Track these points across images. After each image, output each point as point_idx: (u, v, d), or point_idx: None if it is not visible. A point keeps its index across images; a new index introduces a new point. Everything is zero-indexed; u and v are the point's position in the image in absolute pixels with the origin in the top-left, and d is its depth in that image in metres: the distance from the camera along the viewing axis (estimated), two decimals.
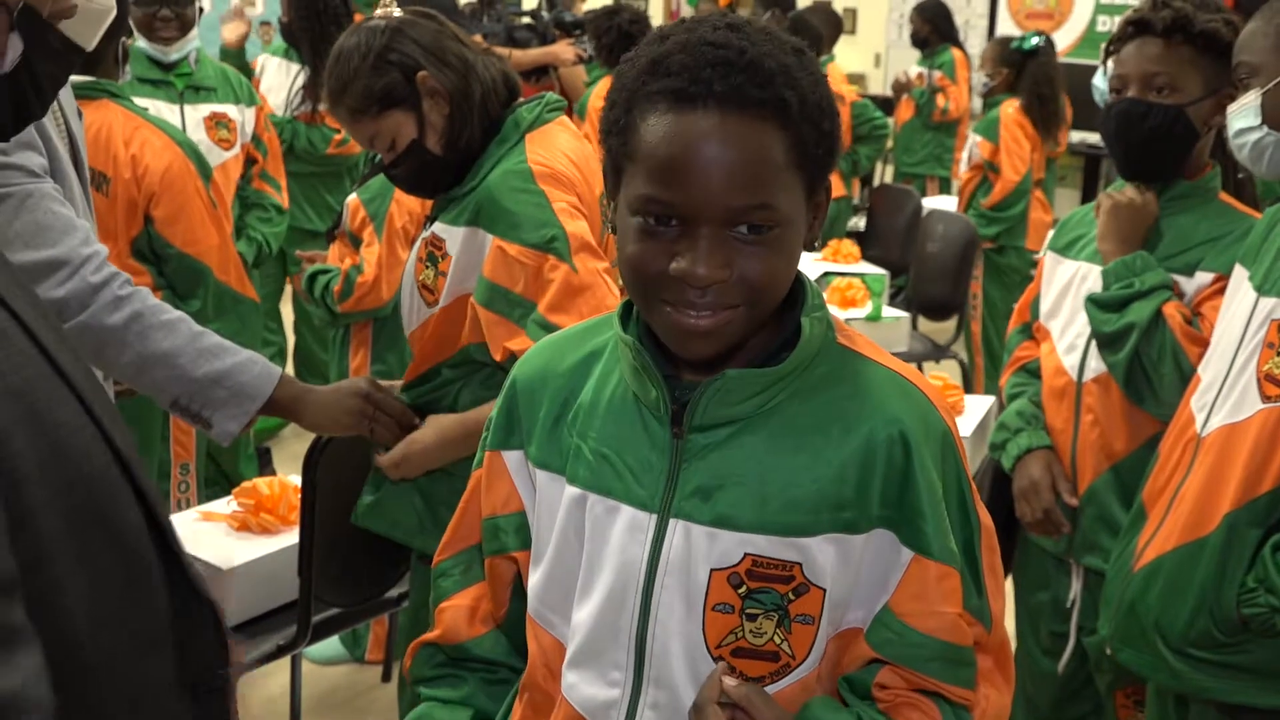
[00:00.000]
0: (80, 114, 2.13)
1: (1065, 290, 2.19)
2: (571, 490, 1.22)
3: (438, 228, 2.05)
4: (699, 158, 1.06)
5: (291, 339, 4.81)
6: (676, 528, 1.16)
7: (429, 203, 2.16)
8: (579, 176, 2.05)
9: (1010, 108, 5.11)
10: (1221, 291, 1.94)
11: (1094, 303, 2.05)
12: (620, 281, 2.11)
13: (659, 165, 1.08)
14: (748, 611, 1.14)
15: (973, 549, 1.18)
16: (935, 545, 1.14)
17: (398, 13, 2.05)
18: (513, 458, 1.30)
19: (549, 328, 1.84)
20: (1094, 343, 2.09)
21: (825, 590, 1.14)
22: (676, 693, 1.17)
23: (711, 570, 1.14)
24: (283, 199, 3.79)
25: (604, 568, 1.19)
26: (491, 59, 2.08)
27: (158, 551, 0.91)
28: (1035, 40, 5.20)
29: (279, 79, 4.57)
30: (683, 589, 1.15)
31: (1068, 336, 2.16)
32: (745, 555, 1.14)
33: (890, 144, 6.87)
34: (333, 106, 2.06)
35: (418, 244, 2.10)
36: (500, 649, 1.37)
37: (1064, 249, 2.23)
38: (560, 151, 2.05)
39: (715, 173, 1.06)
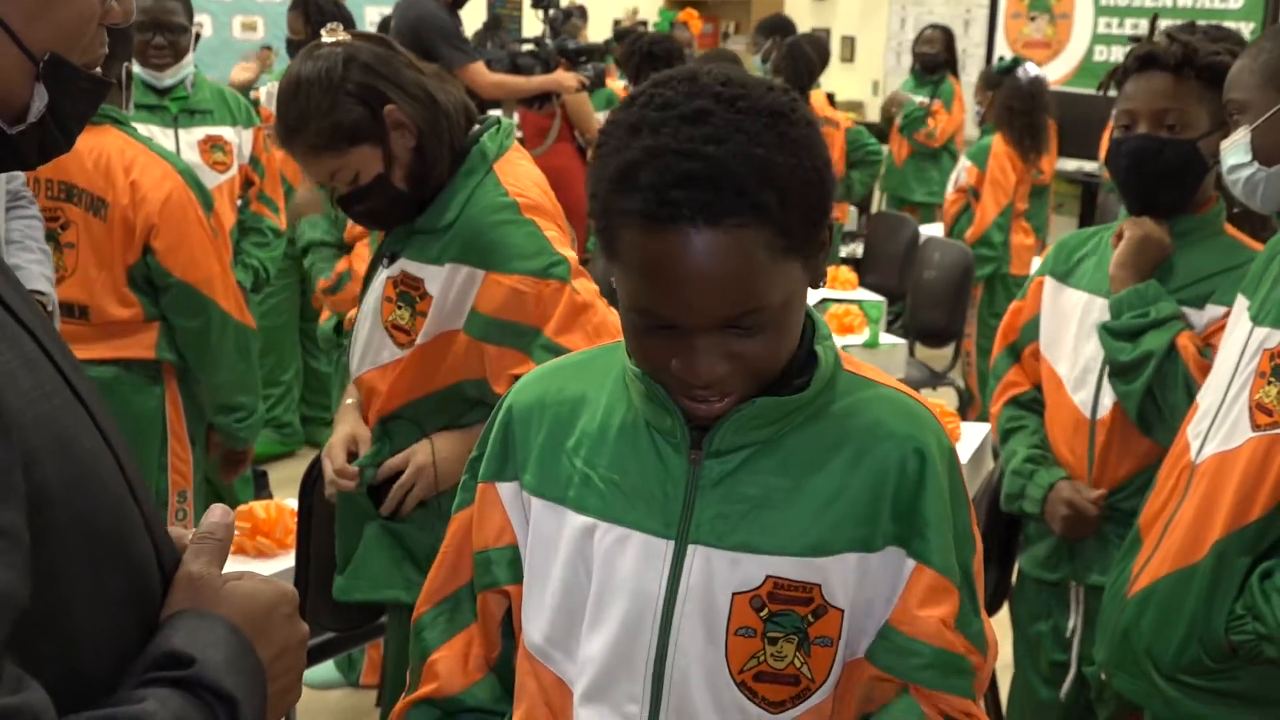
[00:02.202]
0: None
1: (1068, 322, 2.17)
2: (579, 520, 1.21)
3: (410, 266, 1.99)
4: (678, 278, 1.04)
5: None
6: (696, 554, 1.15)
7: None
8: (551, 204, 2.05)
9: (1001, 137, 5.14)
10: None
11: (1108, 331, 2.04)
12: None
13: (640, 282, 1.07)
14: (769, 635, 1.14)
15: (969, 571, 1.19)
16: (936, 556, 1.16)
17: (345, 37, 1.96)
18: (507, 489, 1.28)
19: (556, 350, 1.84)
20: (1105, 377, 2.08)
21: (844, 611, 1.15)
22: None
23: (734, 594, 1.14)
24: (280, 221, 3.80)
25: (616, 598, 1.18)
26: (449, 86, 2.02)
27: (161, 580, 0.92)
28: (1019, 63, 5.22)
29: None
30: (704, 615, 1.15)
31: (1075, 372, 2.15)
32: (767, 578, 1.14)
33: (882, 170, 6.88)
34: (286, 140, 1.95)
35: (379, 283, 2.03)
36: (495, 695, 1.34)
37: (1065, 275, 2.20)
38: (531, 181, 2.04)
39: (697, 291, 1.04)
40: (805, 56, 5.75)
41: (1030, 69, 5.20)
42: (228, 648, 0.88)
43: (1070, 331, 2.16)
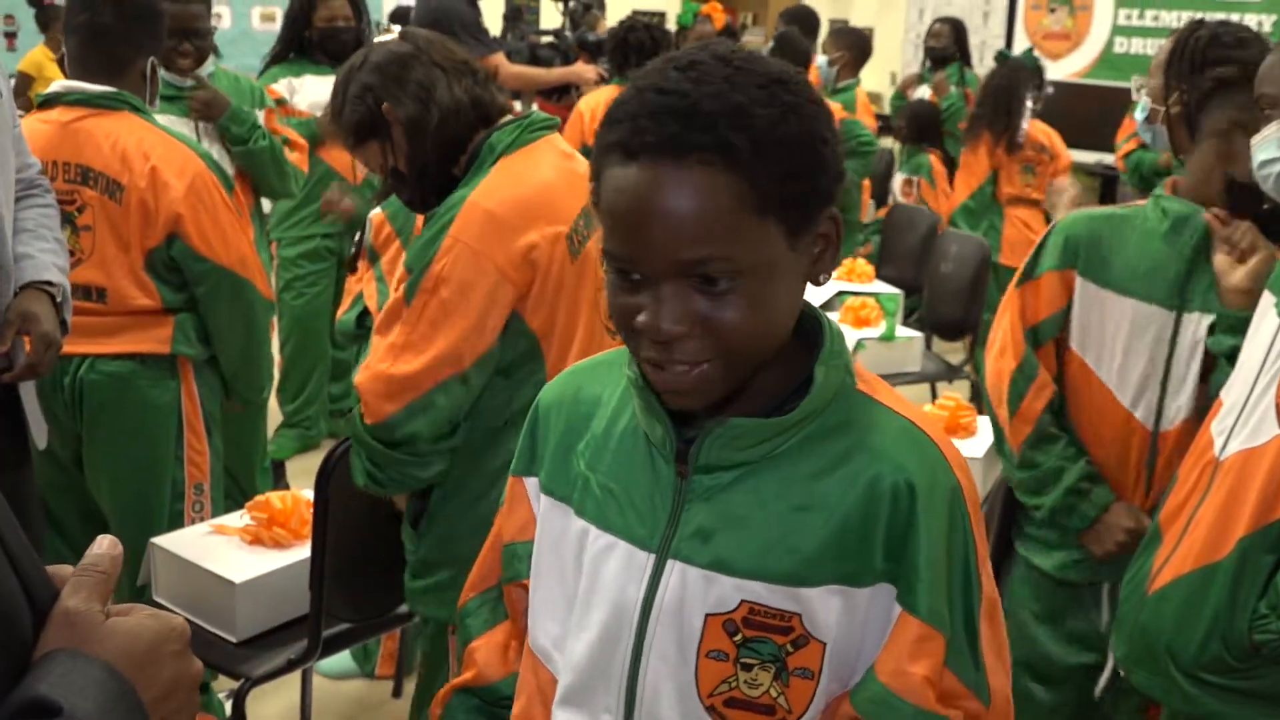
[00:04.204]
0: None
1: (1113, 328, 2.09)
2: (577, 523, 1.20)
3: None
4: (641, 212, 1.02)
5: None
6: (674, 568, 1.12)
7: None
8: (534, 204, 2.05)
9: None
10: None
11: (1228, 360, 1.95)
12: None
13: (610, 220, 1.06)
14: (743, 661, 1.10)
15: (973, 618, 1.13)
16: (924, 605, 1.09)
17: (391, 36, 2.14)
18: (533, 484, 1.28)
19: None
20: (1169, 389, 2.04)
21: (826, 644, 1.10)
22: None
23: (707, 615, 1.11)
24: (302, 161, 3.87)
25: (599, 605, 1.16)
26: (466, 81, 2.11)
27: (34, 619, 0.86)
28: (1007, 56, 5.33)
29: (323, 92, 4.51)
30: (676, 633, 1.12)
31: (1130, 382, 2.08)
32: (742, 602, 1.10)
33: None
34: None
35: None
36: None
37: (1099, 274, 2.10)
38: (525, 178, 2.07)
39: (658, 227, 1.02)
40: (797, 48, 5.73)
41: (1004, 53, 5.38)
42: (101, 692, 0.81)
43: (1120, 340, 2.09)
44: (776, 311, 1.08)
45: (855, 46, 6.51)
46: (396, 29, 2.19)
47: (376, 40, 2.15)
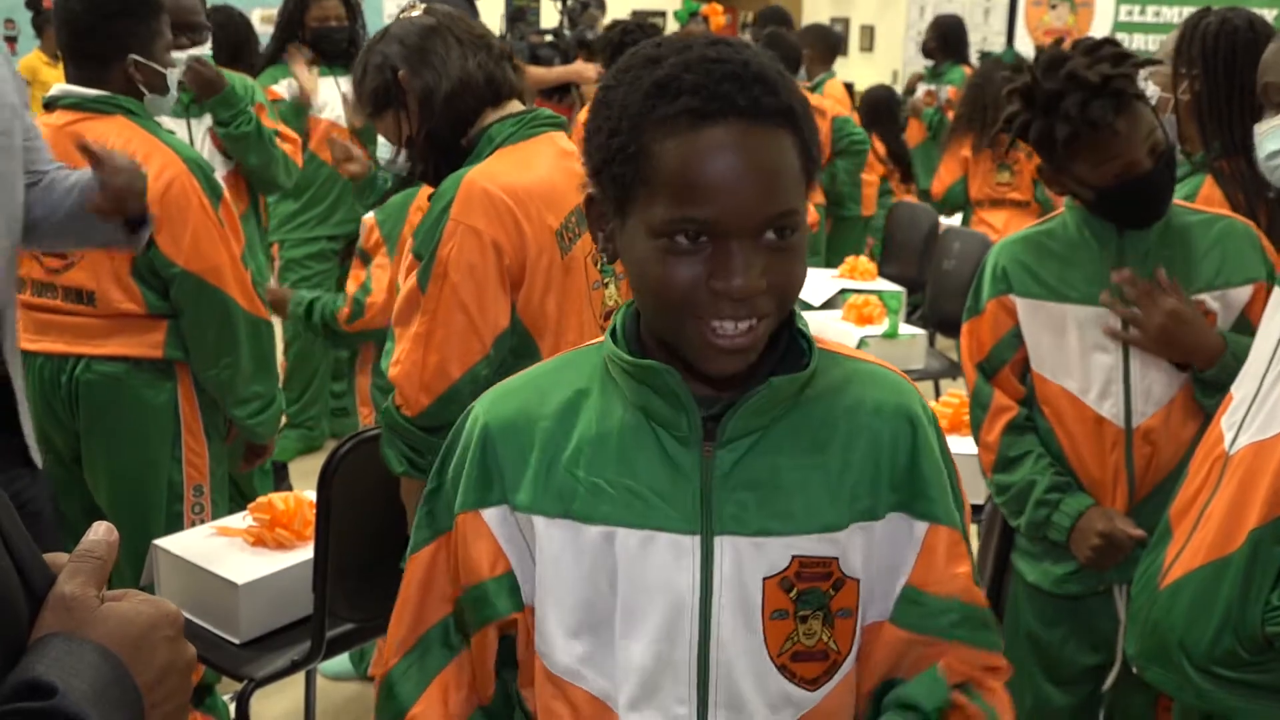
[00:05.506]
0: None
1: (1064, 337, 2.12)
2: (594, 530, 1.17)
3: None
4: (728, 172, 1.06)
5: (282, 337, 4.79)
6: (723, 544, 1.15)
7: None
8: (528, 192, 2.06)
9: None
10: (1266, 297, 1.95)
11: (1206, 396, 2.01)
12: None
13: (688, 185, 1.07)
14: (800, 614, 1.16)
15: (965, 526, 1.24)
16: (943, 511, 1.20)
17: (416, 12, 2.17)
18: (493, 515, 1.22)
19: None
20: (1132, 388, 2.07)
21: (859, 581, 1.18)
22: (746, 710, 1.17)
23: (764, 579, 1.15)
24: (298, 158, 3.88)
25: (649, 602, 1.16)
26: (481, 56, 2.15)
27: (30, 602, 0.87)
28: (988, 54, 5.39)
29: (331, 94, 4.49)
30: (740, 605, 1.15)
31: (1094, 386, 2.11)
32: (793, 558, 1.15)
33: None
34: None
35: None
36: None
37: (1037, 291, 2.13)
38: (522, 168, 2.08)
39: (746, 185, 1.06)
40: (785, 46, 5.75)
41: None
42: (96, 674, 0.83)
43: (1072, 346, 2.12)
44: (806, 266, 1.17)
45: (821, 41, 6.62)
46: (421, 6, 2.22)
47: (401, 16, 2.20)
